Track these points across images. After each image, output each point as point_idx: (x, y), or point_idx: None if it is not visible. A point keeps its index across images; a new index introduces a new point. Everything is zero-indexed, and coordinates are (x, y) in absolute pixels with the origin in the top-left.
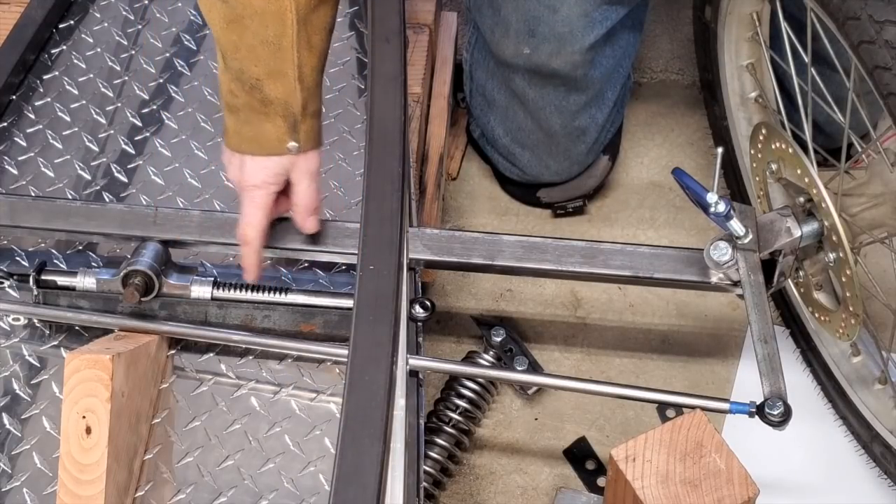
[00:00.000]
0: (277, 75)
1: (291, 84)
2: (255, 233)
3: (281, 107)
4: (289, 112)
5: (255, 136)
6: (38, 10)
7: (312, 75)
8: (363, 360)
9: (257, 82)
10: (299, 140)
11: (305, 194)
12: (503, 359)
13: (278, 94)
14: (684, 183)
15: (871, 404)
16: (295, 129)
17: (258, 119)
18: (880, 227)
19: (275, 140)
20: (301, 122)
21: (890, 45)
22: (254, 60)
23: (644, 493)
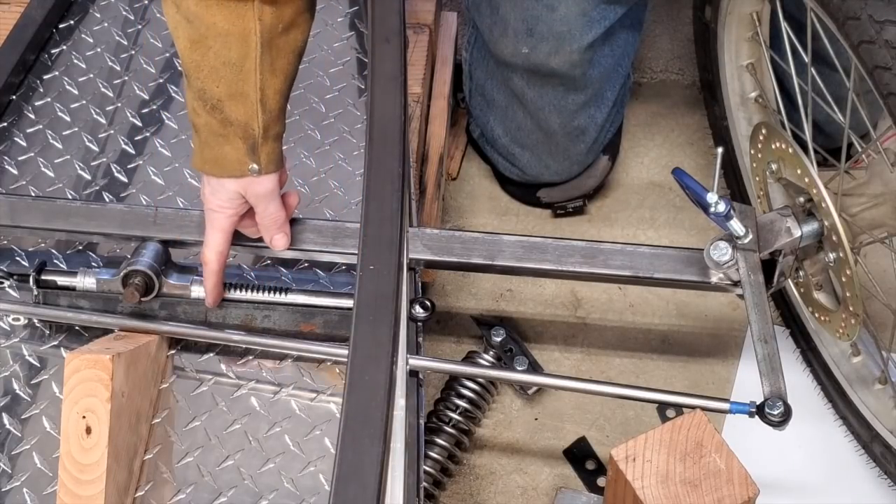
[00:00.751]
0: (239, 97)
1: (253, 107)
2: (213, 255)
3: (241, 129)
4: (249, 134)
5: (216, 158)
6: (38, 10)
7: (276, 98)
8: (363, 360)
9: (218, 103)
10: (260, 163)
11: (265, 215)
12: (503, 359)
13: (239, 116)
14: (684, 183)
15: (871, 404)
16: (255, 152)
17: (218, 141)
18: (880, 227)
19: (235, 162)
20: (262, 146)
21: (890, 44)
22: (216, 81)
23: (644, 493)
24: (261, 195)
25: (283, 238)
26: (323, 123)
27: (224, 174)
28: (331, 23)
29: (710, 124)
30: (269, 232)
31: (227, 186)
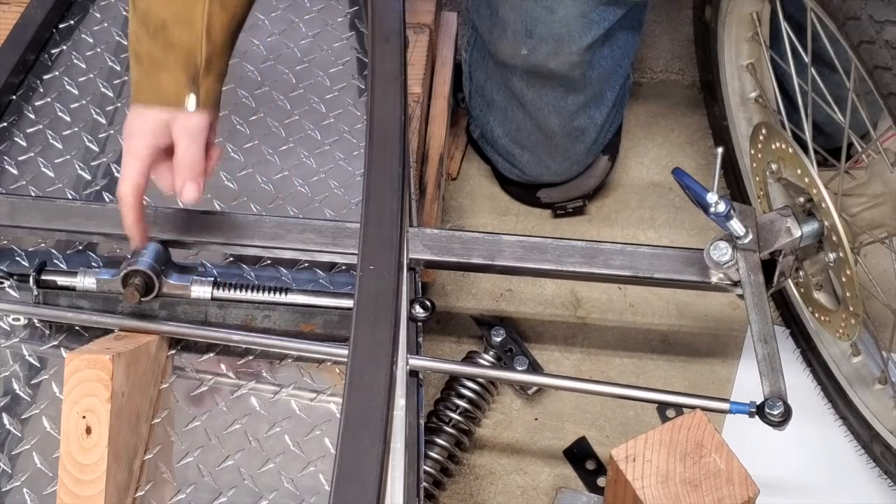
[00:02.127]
0: (184, 21)
1: (198, 34)
2: (128, 188)
3: (183, 55)
4: (191, 63)
5: (153, 86)
6: (38, 10)
7: (221, 33)
8: (363, 360)
9: (162, 25)
10: (199, 95)
11: (185, 155)
12: (503, 359)
13: (182, 41)
14: (684, 183)
15: (871, 404)
16: (195, 83)
17: (158, 68)
18: (880, 227)
19: (172, 91)
20: (203, 78)
21: (890, 45)
22: (162, 2)
23: (644, 493)
24: (188, 131)
25: (194, 189)
26: (323, 123)
27: (159, 101)
28: (331, 23)
29: (710, 124)
30: (181, 176)
31: (155, 114)
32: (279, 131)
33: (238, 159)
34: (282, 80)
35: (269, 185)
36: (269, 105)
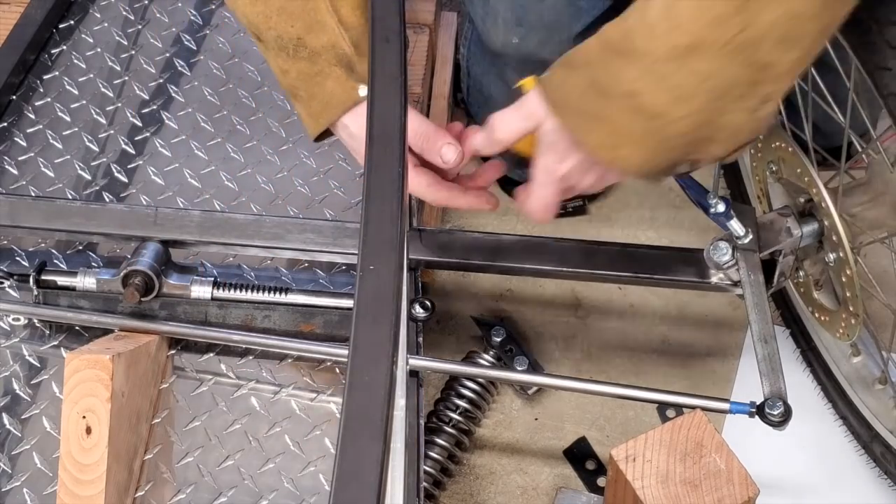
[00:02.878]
0: (316, 26)
1: (334, 29)
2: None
3: (331, 54)
4: (341, 55)
5: (324, 103)
6: (38, 10)
7: (354, 15)
8: (363, 360)
9: (300, 41)
10: (365, 80)
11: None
12: (503, 359)
13: (324, 43)
14: (684, 183)
15: (872, 404)
16: (354, 71)
17: (318, 83)
18: (880, 226)
19: (340, 93)
20: (359, 62)
21: (890, 45)
22: (288, 21)
23: (644, 493)
24: None
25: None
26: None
27: (339, 111)
28: None
29: None
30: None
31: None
32: (279, 131)
33: (238, 159)
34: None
35: (269, 185)
36: (269, 105)
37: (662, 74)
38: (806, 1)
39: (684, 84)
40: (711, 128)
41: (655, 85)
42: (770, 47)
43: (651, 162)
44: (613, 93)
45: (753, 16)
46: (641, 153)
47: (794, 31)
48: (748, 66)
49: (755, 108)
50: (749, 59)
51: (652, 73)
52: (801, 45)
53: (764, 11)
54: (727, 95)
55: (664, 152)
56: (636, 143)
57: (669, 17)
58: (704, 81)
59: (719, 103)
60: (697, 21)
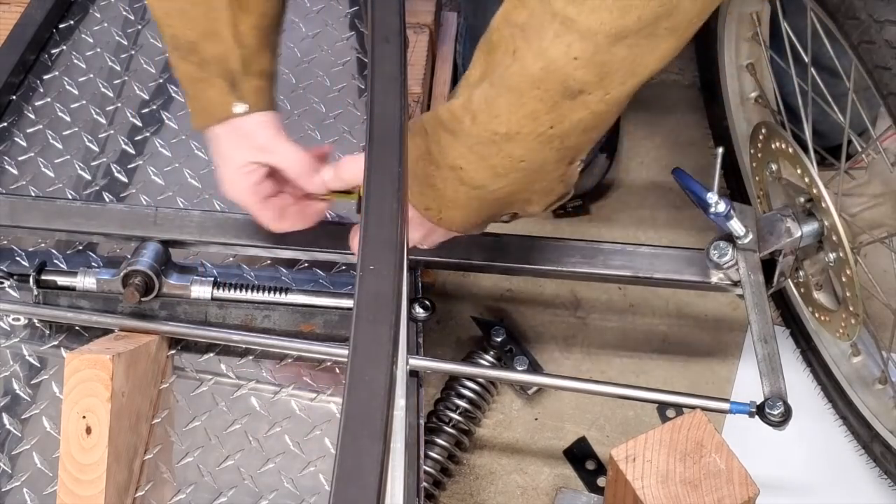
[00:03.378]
0: (212, 35)
1: (227, 42)
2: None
3: (218, 66)
4: (227, 70)
5: (204, 107)
6: (38, 10)
7: (252, 34)
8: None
9: (192, 45)
10: (245, 99)
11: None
12: (503, 359)
13: (214, 54)
14: (684, 183)
15: (871, 404)
16: (236, 87)
17: (201, 87)
18: (880, 226)
19: (218, 104)
20: (243, 81)
21: (890, 44)
22: (187, 24)
23: (644, 493)
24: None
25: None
26: (323, 123)
27: (212, 120)
28: (331, 23)
29: (710, 124)
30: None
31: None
32: None
33: None
34: (282, 80)
35: None
36: None
37: (483, 155)
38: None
39: (501, 164)
40: (526, 193)
41: (477, 163)
42: (577, 136)
43: (471, 221)
44: (441, 164)
45: (562, 116)
46: (463, 215)
47: (597, 122)
48: (556, 150)
49: (562, 173)
50: (558, 146)
51: (474, 153)
52: (602, 128)
53: (571, 112)
54: (539, 171)
55: (483, 213)
56: (459, 208)
57: (490, 107)
58: (519, 162)
59: (532, 176)
60: (514, 114)
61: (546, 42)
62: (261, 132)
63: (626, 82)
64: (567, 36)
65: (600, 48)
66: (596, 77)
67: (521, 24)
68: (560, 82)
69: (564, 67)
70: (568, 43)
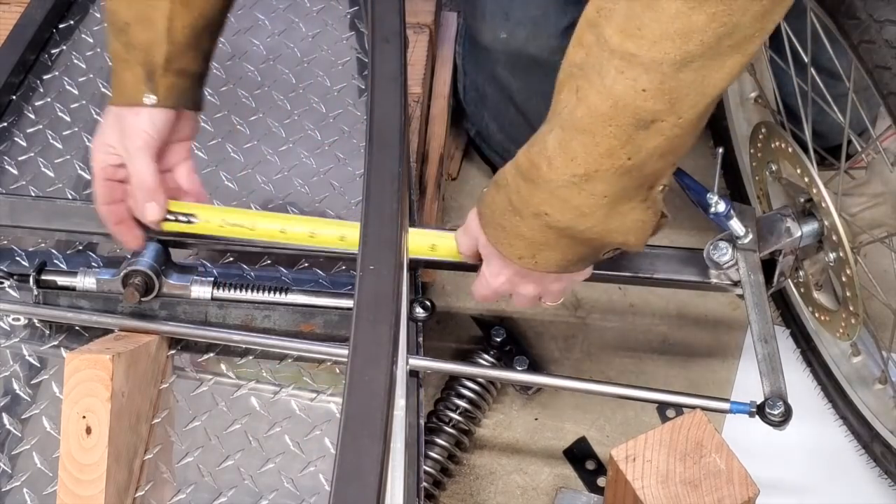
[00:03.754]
0: (145, 22)
1: (158, 34)
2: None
3: (142, 54)
4: (148, 61)
5: (118, 85)
6: (38, 10)
7: (184, 32)
8: (363, 360)
9: (125, 26)
10: (157, 93)
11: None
12: (503, 359)
13: (142, 41)
14: (684, 183)
15: (872, 404)
16: (152, 80)
17: (122, 66)
18: (880, 226)
19: (131, 88)
20: (162, 76)
21: (890, 44)
22: (126, 4)
23: (644, 493)
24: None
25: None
26: (323, 123)
27: (121, 101)
28: (331, 23)
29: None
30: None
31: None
32: (279, 131)
33: (238, 159)
34: (282, 80)
35: (269, 185)
36: (269, 105)
37: (564, 198)
38: (683, 127)
39: (584, 204)
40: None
41: (560, 207)
42: (654, 162)
43: (568, 259)
44: (525, 213)
45: (638, 147)
46: (558, 255)
47: (673, 146)
48: (636, 179)
49: (645, 197)
50: (637, 175)
51: (556, 197)
52: (680, 151)
53: (646, 142)
54: (622, 202)
55: (579, 252)
56: (552, 249)
57: (565, 151)
58: (601, 199)
59: (617, 209)
60: (590, 154)
61: (609, 80)
62: (140, 132)
63: (697, 104)
64: (631, 71)
65: (667, 77)
66: (667, 105)
67: (579, 63)
68: (631, 115)
69: (634, 101)
70: (633, 77)
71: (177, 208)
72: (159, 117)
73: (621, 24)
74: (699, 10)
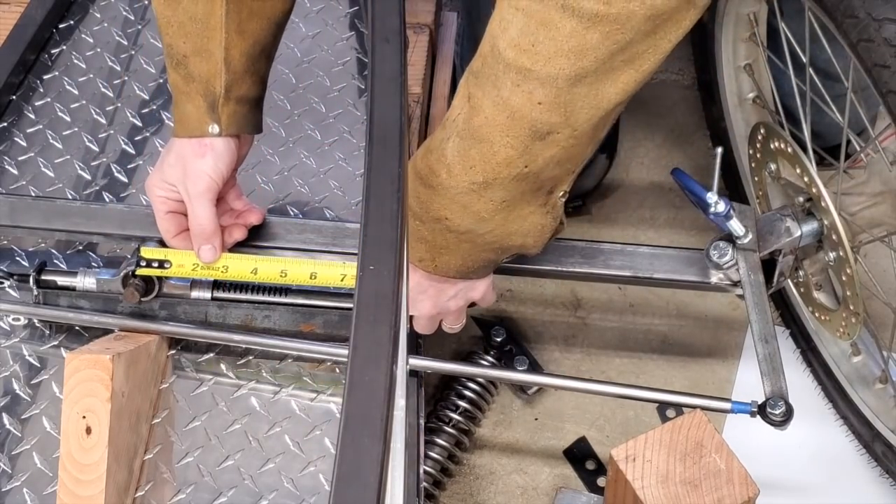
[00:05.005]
0: (203, 53)
1: (216, 65)
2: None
3: (202, 85)
4: (209, 91)
5: (180, 118)
6: (38, 10)
7: (241, 60)
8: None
9: (183, 59)
10: (220, 123)
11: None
12: (503, 359)
13: (201, 72)
14: (684, 183)
15: (872, 403)
16: (214, 110)
17: (182, 99)
18: (880, 225)
19: (195, 120)
20: (223, 105)
21: (888, 42)
22: (182, 36)
23: (644, 493)
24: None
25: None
26: (323, 123)
27: (184, 133)
28: (331, 23)
29: (708, 125)
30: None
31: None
32: (279, 131)
33: None
34: (282, 80)
35: (269, 185)
36: (269, 105)
37: (464, 204)
38: (578, 138)
39: (484, 209)
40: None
41: (460, 212)
42: (551, 170)
43: (467, 265)
44: (426, 217)
45: (535, 156)
46: (458, 259)
47: (569, 155)
48: (533, 183)
49: (544, 202)
50: (534, 181)
51: (455, 203)
52: (577, 160)
53: (543, 152)
54: (521, 206)
55: (478, 256)
56: (451, 253)
57: (463, 159)
58: (500, 204)
59: (515, 213)
60: (488, 163)
61: (505, 91)
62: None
63: (592, 117)
64: (526, 84)
65: (562, 91)
66: (562, 117)
67: (475, 71)
68: (528, 127)
69: (530, 113)
70: (528, 91)
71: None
72: (223, 152)
73: (515, 40)
74: (593, 28)
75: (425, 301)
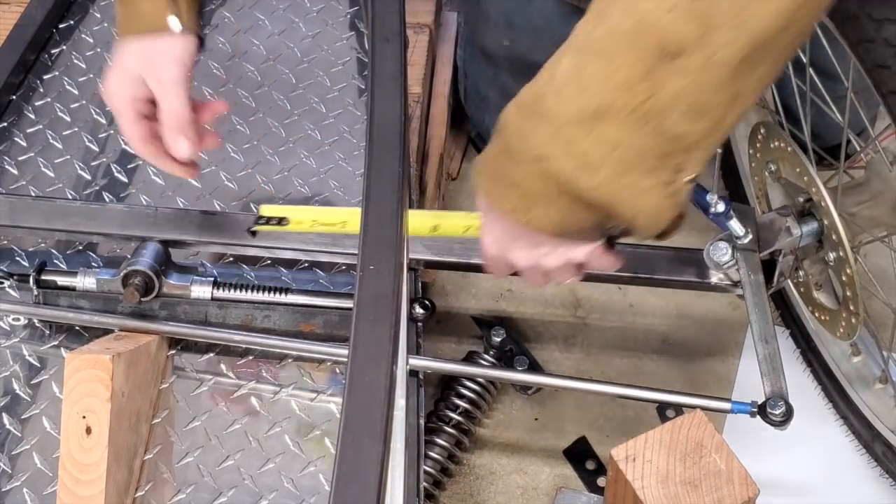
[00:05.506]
0: None
1: None
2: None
3: None
4: None
5: (135, 15)
6: (38, 10)
7: None
8: (363, 360)
9: None
10: (180, 15)
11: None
12: (503, 359)
13: None
14: None
15: (872, 404)
16: (175, 3)
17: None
18: (880, 225)
19: (151, 14)
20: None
21: (889, 42)
22: None
23: (644, 493)
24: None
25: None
26: (323, 123)
27: (138, 30)
28: (331, 23)
29: None
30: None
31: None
32: (279, 131)
33: (238, 159)
34: (282, 80)
35: (269, 185)
36: (269, 105)
37: (570, 139)
38: (712, 72)
39: (591, 151)
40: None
41: (563, 149)
42: (678, 117)
43: (566, 222)
44: (523, 156)
45: (659, 83)
46: (555, 214)
47: (701, 101)
48: (656, 136)
49: (668, 181)
50: (657, 128)
51: (560, 137)
52: (709, 116)
53: (670, 80)
54: (636, 168)
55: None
56: (548, 204)
57: (577, 79)
58: (612, 150)
59: (629, 177)
60: (604, 84)
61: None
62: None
63: (734, 41)
64: None
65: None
66: (697, 31)
67: None
68: (655, 39)
69: (659, 20)
70: None
71: (268, 212)
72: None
73: None
74: None
75: (520, 251)
